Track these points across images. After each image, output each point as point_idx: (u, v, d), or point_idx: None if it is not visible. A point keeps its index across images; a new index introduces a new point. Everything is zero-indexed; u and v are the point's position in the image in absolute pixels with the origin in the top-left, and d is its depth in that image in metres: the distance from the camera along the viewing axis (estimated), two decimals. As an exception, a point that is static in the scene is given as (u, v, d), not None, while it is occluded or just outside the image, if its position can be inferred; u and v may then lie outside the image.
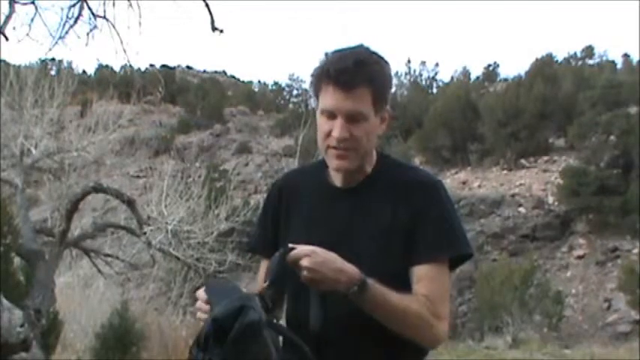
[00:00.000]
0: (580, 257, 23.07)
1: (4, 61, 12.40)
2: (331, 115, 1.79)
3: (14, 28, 6.33)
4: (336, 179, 1.88)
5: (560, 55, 39.26)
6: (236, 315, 1.58)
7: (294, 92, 45.45)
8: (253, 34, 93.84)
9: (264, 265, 1.94)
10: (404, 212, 1.80)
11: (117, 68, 38.06)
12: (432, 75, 40.77)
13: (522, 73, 35.30)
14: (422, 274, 1.77)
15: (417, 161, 29.71)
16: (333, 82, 1.76)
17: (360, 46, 1.84)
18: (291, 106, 43.88)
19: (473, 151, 29.80)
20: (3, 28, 6.12)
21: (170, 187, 11.10)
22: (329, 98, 1.78)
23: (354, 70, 1.76)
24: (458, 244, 1.82)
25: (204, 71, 52.43)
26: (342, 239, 1.79)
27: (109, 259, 10.56)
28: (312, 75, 1.84)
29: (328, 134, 1.80)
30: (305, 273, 1.67)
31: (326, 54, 1.84)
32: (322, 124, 1.81)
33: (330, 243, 1.76)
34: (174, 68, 47.42)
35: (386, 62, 1.85)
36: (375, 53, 1.85)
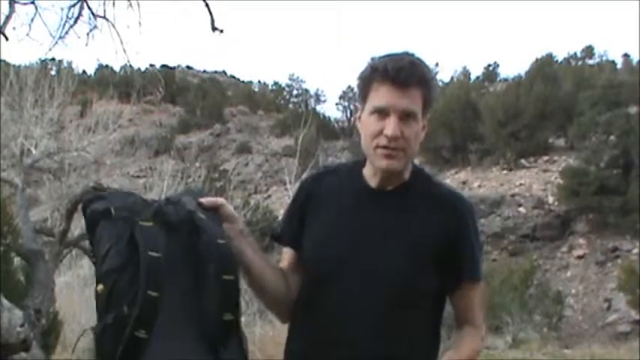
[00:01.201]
0: (580, 257, 23.07)
1: (4, 61, 12.40)
2: (384, 114, 1.80)
3: (14, 28, 6.35)
4: (372, 181, 1.90)
5: (560, 55, 39.25)
6: (91, 201, 1.74)
7: (294, 92, 45.49)
8: (253, 34, 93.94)
9: (286, 253, 1.98)
10: (437, 229, 1.83)
11: (117, 68, 38.04)
12: (431, 75, 40.78)
13: (522, 73, 35.31)
14: (465, 294, 1.90)
15: (417, 161, 29.66)
16: (391, 80, 1.78)
17: (406, 53, 1.86)
18: (291, 106, 43.89)
19: (473, 151, 29.81)
20: (3, 28, 6.12)
21: (170, 187, 11.11)
22: (383, 96, 1.80)
23: (410, 69, 1.79)
24: (481, 266, 1.95)
25: (204, 71, 52.44)
26: (370, 240, 1.83)
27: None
28: (361, 77, 1.86)
29: (378, 134, 1.80)
30: None
31: (373, 58, 1.86)
32: (371, 123, 1.82)
33: (355, 242, 1.83)
34: (174, 68, 47.41)
35: (432, 71, 1.90)
36: (423, 61, 1.88)
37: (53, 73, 16.82)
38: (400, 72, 1.78)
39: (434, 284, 1.83)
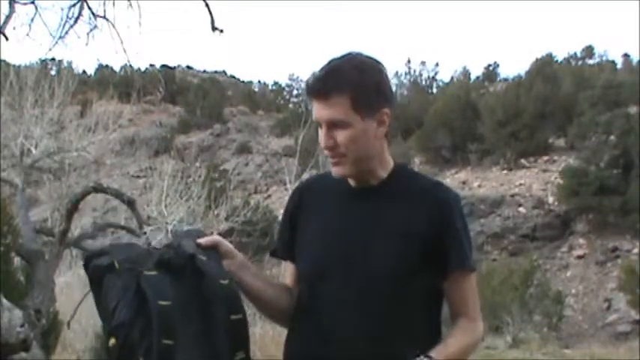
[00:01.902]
0: (580, 257, 23.08)
1: (4, 61, 12.41)
2: (320, 125, 1.85)
3: (14, 28, 6.34)
4: (352, 182, 1.93)
5: (560, 55, 39.30)
6: (93, 257, 1.75)
7: (294, 92, 45.46)
8: (253, 34, 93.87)
9: (288, 268, 2.02)
10: (422, 220, 1.83)
11: (117, 68, 38.12)
12: (432, 75, 40.78)
13: (522, 73, 35.34)
14: (455, 284, 1.88)
15: (416, 161, 29.74)
16: (311, 94, 1.83)
17: (348, 54, 1.86)
18: (291, 106, 43.87)
19: (473, 151, 29.81)
20: (3, 28, 6.12)
21: (170, 187, 11.13)
22: (314, 109, 1.85)
23: (325, 79, 1.80)
24: (472, 257, 1.92)
25: (204, 71, 52.40)
26: (355, 238, 1.85)
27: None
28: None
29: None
30: None
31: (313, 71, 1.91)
32: (319, 134, 1.87)
33: (345, 241, 1.85)
34: (174, 68, 47.42)
35: (372, 66, 1.86)
36: (360, 58, 1.86)
37: (53, 73, 16.82)
38: (317, 84, 1.81)
39: (428, 279, 1.84)
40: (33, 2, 6.43)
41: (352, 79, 1.80)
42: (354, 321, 1.81)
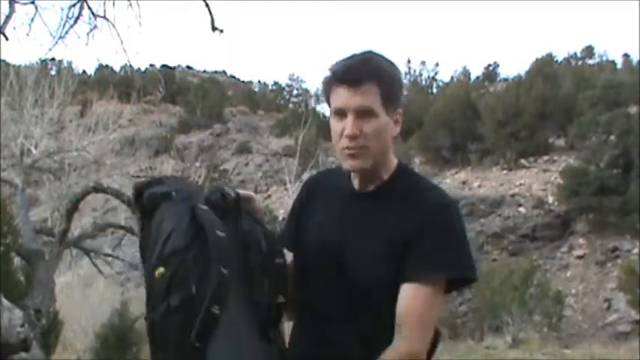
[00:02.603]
0: (580, 257, 23.06)
1: (4, 61, 12.41)
2: (342, 114, 1.82)
3: (14, 28, 6.36)
4: (355, 182, 1.92)
5: (560, 55, 39.27)
6: (148, 185, 1.79)
7: (294, 92, 45.52)
8: (253, 34, 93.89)
9: (287, 256, 2.03)
10: (410, 224, 1.81)
11: (117, 68, 38.08)
12: (432, 75, 40.81)
13: (522, 73, 35.28)
14: (408, 293, 1.78)
15: (416, 161, 29.73)
16: (341, 80, 1.81)
17: (369, 51, 1.88)
18: (291, 106, 43.90)
19: (473, 151, 29.80)
20: (3, 28, 6.13)
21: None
22: (339, 97, 1.82)
23: (360, 67, 1.81)
24: (456, 267, 1.81)
25: (204, 71, 52.41)
26: (349, 240, 1.85)
27: (109, 259, 10.57)
28: (323, 82, 1.88)
29: (340, 135, 1.83)
30: None
31: (336, 61, 1.89)
32: (335, 125, 1.85)
33: (339, 242, 1.86)
34: (174, 68, 47.41)
35: (395, 65, 1.90)
36: (383, 56, 1.89)
37: (53, 73, 16.82)
38: (350, 71, 1.81)
39: None
40: (33, 2, 6.44)
41: (384, 72, 1.83)
42: (347, 323, 1.82)
